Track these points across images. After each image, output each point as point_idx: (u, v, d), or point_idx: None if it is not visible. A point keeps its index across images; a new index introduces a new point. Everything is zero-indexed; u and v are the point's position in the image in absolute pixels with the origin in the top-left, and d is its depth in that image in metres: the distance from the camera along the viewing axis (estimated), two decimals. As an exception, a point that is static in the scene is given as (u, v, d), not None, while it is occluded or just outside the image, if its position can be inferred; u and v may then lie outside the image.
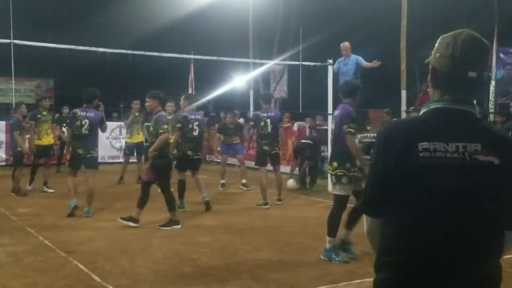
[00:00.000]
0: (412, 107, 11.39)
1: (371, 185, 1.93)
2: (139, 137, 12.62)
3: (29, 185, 11.14)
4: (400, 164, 1.79)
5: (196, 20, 22.44)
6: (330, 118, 12.17)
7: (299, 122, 15.35)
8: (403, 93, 12.57)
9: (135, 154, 12.78)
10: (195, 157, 9.04)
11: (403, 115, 11.98)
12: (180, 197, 9.02)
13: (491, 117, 12.34)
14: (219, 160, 14.05)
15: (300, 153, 12.18)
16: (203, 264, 5.84)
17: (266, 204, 9.54)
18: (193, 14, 21.03)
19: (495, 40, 13.74)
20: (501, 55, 13.78)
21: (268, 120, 9.45)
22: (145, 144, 12.46)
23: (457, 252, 1.75)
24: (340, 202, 6.03)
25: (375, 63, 11.11)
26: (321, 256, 5.99)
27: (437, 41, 1.93)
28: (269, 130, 9.47)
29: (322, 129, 13.69)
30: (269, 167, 9.88)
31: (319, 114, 14.13)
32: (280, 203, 9.83)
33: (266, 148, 9.54)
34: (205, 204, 9.02)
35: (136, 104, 12.68)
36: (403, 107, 12.47)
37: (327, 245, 5.98)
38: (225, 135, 12.52)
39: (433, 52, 1.94)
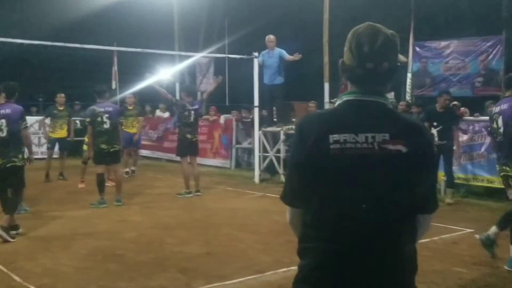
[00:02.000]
0: (335, 98, 11.66)
1: (289, 176, 1.98)
2: (63, 132, 12.28)
3: None
4: (314, 156, 1.84)
5: (120, 11, 21.87)
6: (256, 110, 12.31)
7: (226, 115, 15.39)
8: (326, 86, 12.86)
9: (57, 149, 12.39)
10: (111, 150, 8.82)
11: (327, 106, 12.25)
12: (101, 192, 8.82)
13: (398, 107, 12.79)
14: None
15: None
16: (129, 260, 5.77)
17: (189, 193, 9.83)
18: (116, 4, 20.48)
19: (411, 35, 14.33)
20: (417, 49, 14.35)
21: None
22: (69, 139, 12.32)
23: (371, 238, 1.81)
24: None
25: (296, 56, 11.34)
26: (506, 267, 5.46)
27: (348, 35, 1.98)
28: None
29: (248, 122, 13.80)
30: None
31: (245, 107, 14.21)
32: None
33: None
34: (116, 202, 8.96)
35: (60, 98, 12.33)
36: (326, 99, 12.76)
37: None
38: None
39: (345, 45, 1.99)
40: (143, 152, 16.36)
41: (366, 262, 1.81)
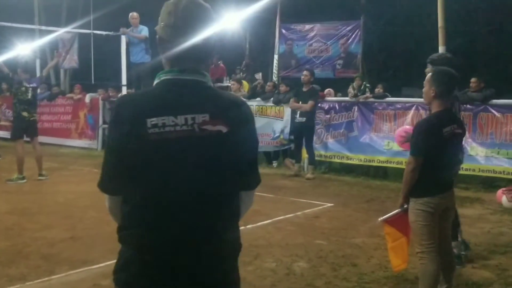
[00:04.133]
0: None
1: (106, 162, 1.86)
2: None
3: None
4: (131, 141, 1.74)
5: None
6: (124, 89, 11.97)
7: (91, 94, 14.78)
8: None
9: None
10: None
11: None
12: None
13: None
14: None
15: None
16: (-15, 248, 5.40)
17: (22, 178, 9.17)
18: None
19: (278, 17, 14.70)
20: (283, 31, 14.78)
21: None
22: None
23: (192, 224, 1.78)
24: None
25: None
26: None
27: (162, 9, 1.88)
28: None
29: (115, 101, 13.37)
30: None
31: (112, 85, 13.77)
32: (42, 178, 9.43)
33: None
34: None
35: None
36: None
37: None
38: None
39: (159, 20, 1.88)
40: (0, 134, 15.26)
41: (186, 249, 1.78)
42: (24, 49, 16.25)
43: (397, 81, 16.58)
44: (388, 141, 9.66)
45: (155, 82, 1.87)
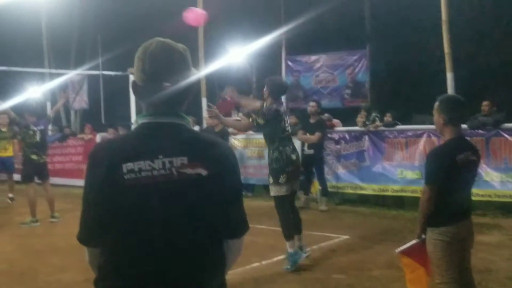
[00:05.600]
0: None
1: (82, 212, 1.79)
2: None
3: None
4: (106, 189, 1.68)
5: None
6: (133, 128, 12.04)
7: (102, 134, 14.87)
8: (204, 101, 12.93)
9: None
10: None
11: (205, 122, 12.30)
12: None
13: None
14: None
15: None
16: (-1, 295, 5.36)
17: (35, 221, 9.17)
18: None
19: (283, 49, 14.82)
20: (289, 63, 14.88)
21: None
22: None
23: (174, 272, 1.70)
24: None
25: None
26: None
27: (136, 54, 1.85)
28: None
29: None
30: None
31: (122, 124, 13.84)
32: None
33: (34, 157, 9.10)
34: None
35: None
36: (205, 114, 12.81)
37: None
38: None
39: (134, 66, 1.85)
40: (16, 177, 15.30)
41: None
42: (34, 92, 16.51)
43: (408, 108, 16.53)
44: (401, 169, 9.57)
45: (133, 126, 1.82)
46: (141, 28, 20.60)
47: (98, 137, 14.64)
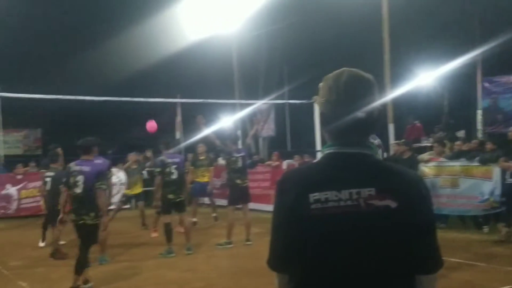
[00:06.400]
0: (402, 140, 11.48)
1: (272, 239, 1.82)
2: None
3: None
4: (293, 218, 1.69)
5: (181, 63, 22.52)
6: (319, 155, 12.16)
7: (288, 161, 15.30)
8: (391, 127, 12.63)
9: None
10: (177, 200, 9.02)
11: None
12: (169, 241, 8.90)
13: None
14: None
15: None
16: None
17: (229, 243, 9.57)
18: (176, 57, 21.11)
19: (479, 70, 13.96)
20: (486, 84, 13.92)
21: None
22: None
23: None
24: None
25: None
26: None
27: (321, 84, 1.84)
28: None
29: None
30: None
31: (308, 152, 14.11)
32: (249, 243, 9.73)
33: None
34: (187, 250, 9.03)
35: (132, 157, 12.63)
36: (392, 140, 12.49)
37: None
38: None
39: (319, 95, 1.84)
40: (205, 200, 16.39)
41: None
42: (227, 121, 17.63)
43: None
44: None
45: (320, 156, 1.79)
46: (325, 58, 21.00)
47: (285, 164, 15.07)
